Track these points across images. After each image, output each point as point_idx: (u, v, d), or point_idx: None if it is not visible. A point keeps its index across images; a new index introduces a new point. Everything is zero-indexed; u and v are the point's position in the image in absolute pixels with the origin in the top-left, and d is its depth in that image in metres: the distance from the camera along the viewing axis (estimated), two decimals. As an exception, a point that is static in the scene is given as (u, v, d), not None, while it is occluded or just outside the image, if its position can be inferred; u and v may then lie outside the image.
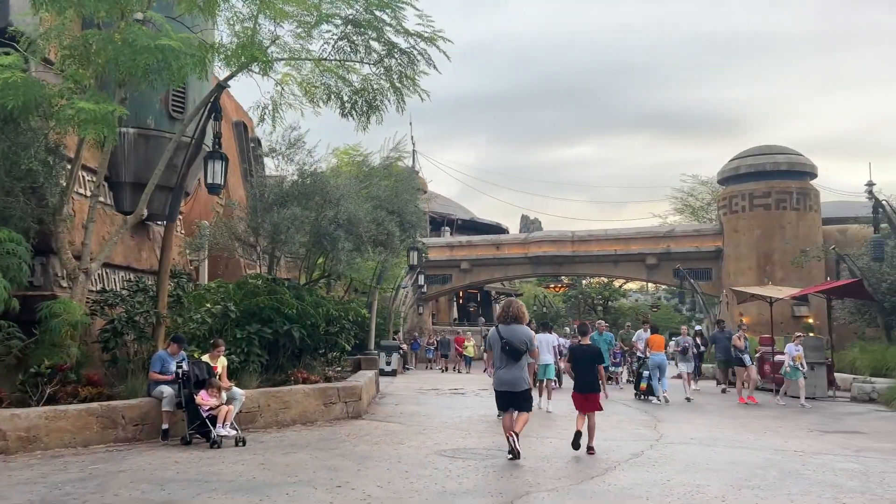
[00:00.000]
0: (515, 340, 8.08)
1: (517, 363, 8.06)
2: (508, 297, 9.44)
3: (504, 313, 8.40)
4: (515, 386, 8.03)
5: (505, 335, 8.14)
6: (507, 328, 8.22)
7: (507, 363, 8.06)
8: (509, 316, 8.28)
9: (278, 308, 11.83)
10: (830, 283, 17.47)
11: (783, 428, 11.67)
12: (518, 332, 8.18)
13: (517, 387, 8.04)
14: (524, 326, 8.39)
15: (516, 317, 8.29)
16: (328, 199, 12.99)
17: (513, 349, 8.03)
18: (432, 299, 42.39)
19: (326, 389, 11.60)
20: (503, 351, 8.07)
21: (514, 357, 8.04)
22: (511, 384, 8.04)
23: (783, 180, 33.95)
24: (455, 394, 16.92)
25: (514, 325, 8.23)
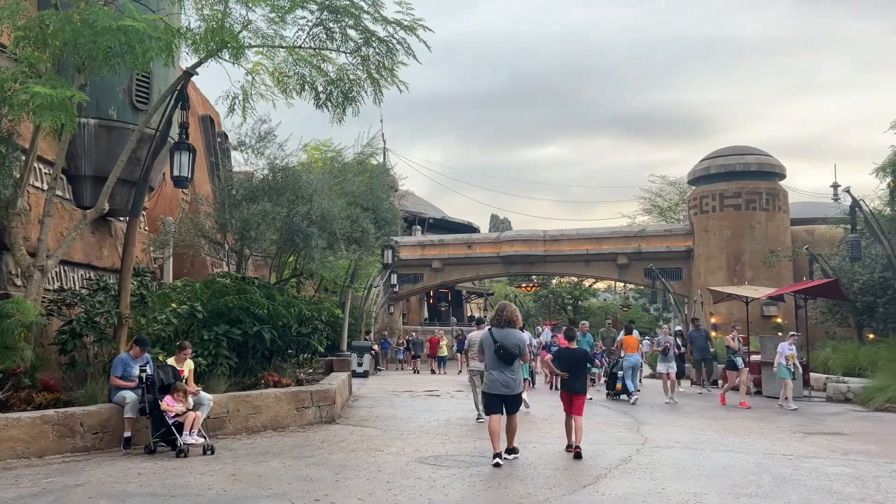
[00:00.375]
0: (509, 344, 8.10)
1: (510, 366, 8.12)
2: (501, 301, 9.44)
3: (498, 317, 8.42)
4: (510, 389, 8.08)
5: (499, 338, 8.16)
6: (501, 332, 8.25)
7: (501, 366, 8.09)
8: (503, 319, 8.31)
9: (248, 308, 11.30)
10: (806, 283, 17.47)
11: (766, 430, 11.50)
12: (511, 335, 8.22)
13: (511, 390, 8.09)
14: (517, 330, 8.44)
15: (510, 320, 8.32)
16: (300, 195, 12.48)
17: (506, 353, 8.06)
18: (403, 299, 41.91)
19: (299, 393, 11.11)
20: (496, 354, 8.09)
21: (507, 360, 8.08)
22: (504, 387, 8.06)
23: (753, 181, 34.22)
24: (430, 395, 16.51)
25: (508, 329, 8.27)
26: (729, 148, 36.24)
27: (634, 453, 8.86)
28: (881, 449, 9.64)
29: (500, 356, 8.07)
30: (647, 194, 52.78)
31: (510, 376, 8.08)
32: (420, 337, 28.57)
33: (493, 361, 8.16)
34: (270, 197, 12.40)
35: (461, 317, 49.17)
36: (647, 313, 60.05)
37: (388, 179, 15.13)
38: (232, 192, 12.81)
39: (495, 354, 8.11)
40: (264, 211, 12.03)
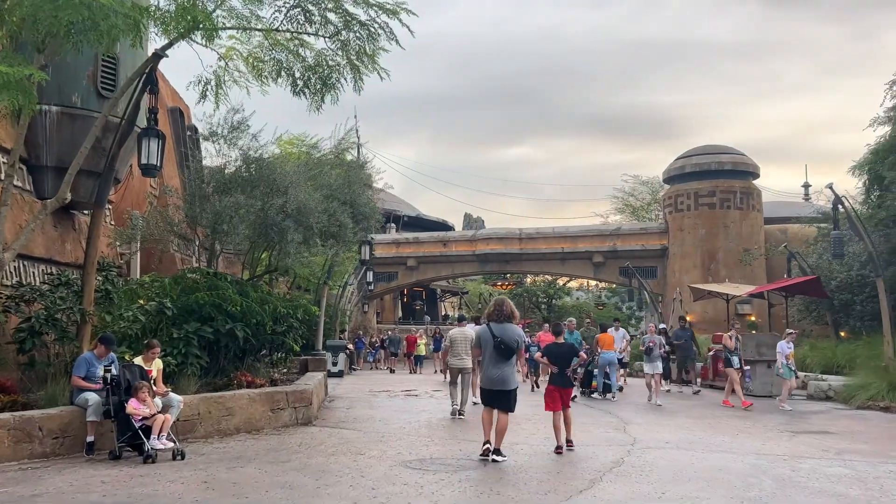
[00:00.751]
0: (508, 339, 8.07)
1: (508, 361, 8.11)
2: (498, 296, 9.39)
3: (497, 311, 8.33)
4: (506, 384, 8.07)
5: (498, 333, 8.11)
6: (500, 327, 8.19)
7: (499, 362, 8.05)
8: (503, 315, 8.25)
9: (220, 305, 10.77)
10: (788, 280, 17.40)
11: (753, 429, 11.29)
12: (510, 330, 8.20)
13: (507, 385, 8.08)
14: (515, 325, 8.39)
15: (509, 315, 8.29)
16: (275, 188, 11.97)
17: (506, 348, 8.03)
18: (377, 298, 41.39)
19: (274, 394, 10.61)
20: (496, 349, 8.04)
21: (506, 356, 8.07)
22: (501, 382, 8.06)
23: (727, 180, 34.34)
24: (409, 395, 16.08)
25: (507, 324, 8.23)
26: (703, 147, 36.35)
27: (626, 454, 8.55)
28: (873, 448, 9.46)
29: (500, 351, 8.02)
30: (620, 193, 52.89)
31: (507, 371, 8.10)
32: (398, 335, 27.83)
33: (490, 357, 8.08)
34: (244, 189, 11.87)
35: (435, 315, 48.78)
36: (620, 311, 60.17)
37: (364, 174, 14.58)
38: (202, 184, 12.23)
39: (494, 350, 8.04)
40: (237, 203, 11.50)
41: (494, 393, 8.09)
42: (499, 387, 8.05)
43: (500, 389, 8.05)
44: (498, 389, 8.06)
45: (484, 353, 8.23)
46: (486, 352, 8.19)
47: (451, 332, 13.64)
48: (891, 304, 17.73)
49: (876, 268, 14.87)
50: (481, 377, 8.39)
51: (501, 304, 8.42)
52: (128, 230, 12.65)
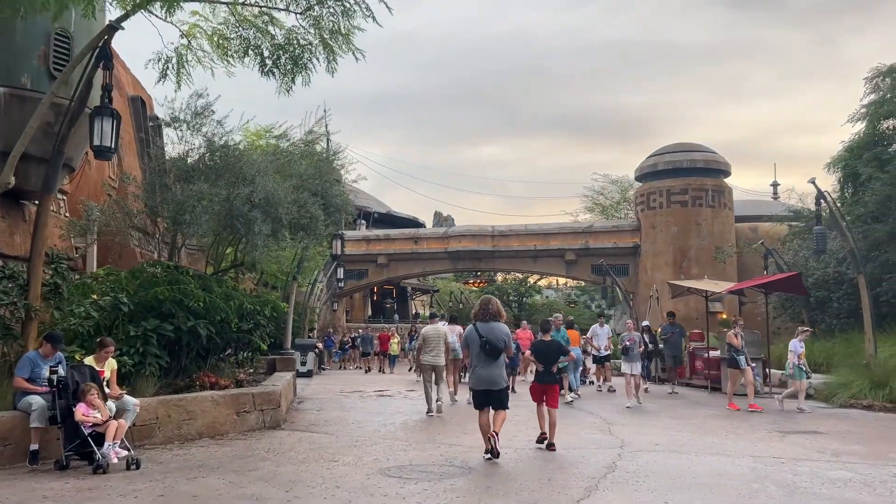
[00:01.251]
0: (495, 338, 7.97)
1: (496, 361, 8.01)
2: (485, 295, 9.21)
3: (483, 311, 8.22)
4: (494, 384, 7.99)
5: (484, 333, 8.00)
6: (486, 326, 8.08)
7: (486, 361, 7.95)
8: (489, 314, 8.13)
9: (181, 301, 10.03)
10: (769, 277, 17.20)
11: (740, 429, 10.91)
12: (497, 329, 8.10)
13: (496, 385, 7.99)
14: (502, 324, 8.28)
15: (496, 314, 8.20)
16: (242, 176, 11.24)
17: (493, 347, 7.93)
18: (347, 295, 40.61)
19: (239, 396, 9.92)
20: (482, 349, 7.94)
21: (493, 355, 7.97)
22: (490, 382, 7.97)
23: (699, 177, 34.32)
24: (381, 396, 15.44)
25: (493, 323, 8.13)
26: (676, 145, 36.30)
27: (617, 458, 8.05)
28: (868, 449, 9.11)
29: (487, 351, 7.92)
30: (590, 192, 52.81)
31: (495, 371, 8.00)
32: (369, 333, 26.96)
33: (477, 357, 8.00)
34: (207, 178, 11.13)
35: (406, 314, 48.11)
36: (589, 310, 60.20)
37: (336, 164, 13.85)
38: (163, 172, 11.45)
39: (481, 350, 7.95)
40: (200, 192, 10.76)
41: (485, 393, 8.01)
42: (488, 386, 7.97)
43: (490, 389, 7.97)
44: (487, 389, 7.98)
45: (471, 353, 8.12)
46: (473, 352, 8.08)
47: (423, 329, 13.38)
48: (871, 300, 17.64)
49: (857, 264, 14.66)
50: (470, 378, 8.26)
51: (487, 304, 8.24)
52: (82, 221, 11.80)
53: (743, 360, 13.58)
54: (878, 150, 20.36)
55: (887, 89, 20.84)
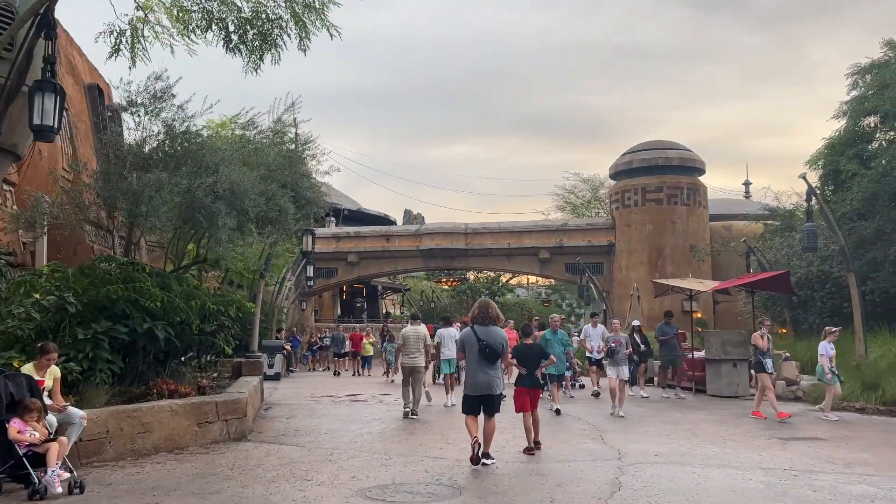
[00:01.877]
0: (494, 342, 7.82)
1: (494, 366, 7.86)
2: (482, 298, 8.90)
3: (482, 314, 8.02)
4: (493, 389, 7.82)
5: (483, 337, 7.82)
6: (485, 330, 7.89)
7: (485, 366, 7.77)
8: (488, 317, 7.96)
9: (137, 300, 9.10)
10: (757, 275, 16.74)
11: (737, 435, 10.34)
12: (496, 333, 7.95)
13: (494, 390, 7.84)
14: (500, 328, 8.17)
15: (495, 318, 8.02)
16: (204, 165, 10.34)
17: (492, 352, 7.77)
18: (316, 294, 39.55)
19: (201, 405, 9.02)
20: (481, 354, 7.77)
21: (492, 360, 7.82)
22: (489, 388, 7.79)
23: (675, 175, 33.98)
24: (355, 401, 14.59)
25: (492, 327, 7.96)
26: (651, 142, 35.94)
27: (619, 473, 7.37)
28: (877, 458, 8.58)
29: (486, 355, 7.76)
30: (561, 191, 52.53)
31: (494, 375, 7.84)
32: (340, 333, 25.43)
33: (476, 361, 7.80)
34: (167, 166, 10.19)
35: (376, 313, 47.18)
36: (560, 309, 60.02)
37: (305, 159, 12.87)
38: (119, 160, 10.47)
39: (480, 354, 7.77)
40: (158, 182, 9.82)
41: (481, 399, 7.79)
42: (486, 392, 7.77)
43: (488, 394, 7.78)
44: (485, 395, 7.78)
45: (468, 357, 7.91)
46: (470, 356, 7.88)
47: (403, 330, 13.04)
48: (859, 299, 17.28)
49: (848, 262, 14.23)
50: (466, 383, 8.01)
51: (487, 307, 8.07)
52: (26, 213, 10.76)
53: (770, 364, 12.42)
54: (859, 147, 20.10)
55: (868, 86, 20.59)
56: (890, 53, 20.29)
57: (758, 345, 12.38)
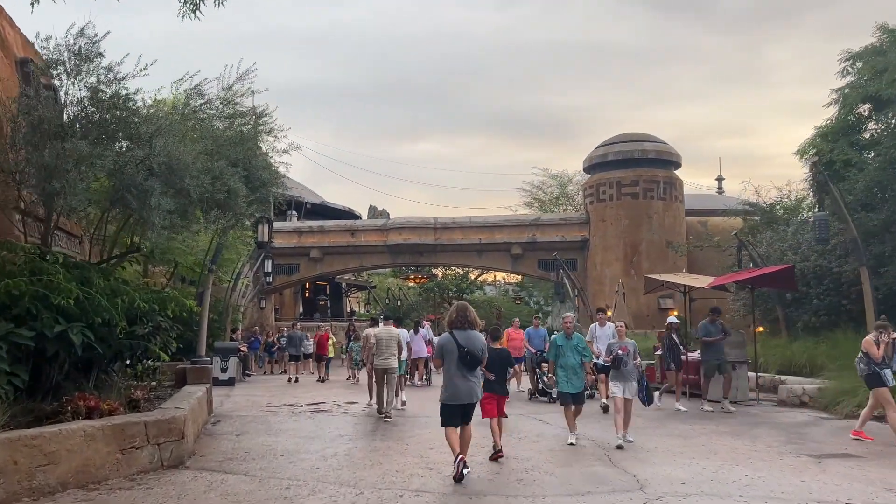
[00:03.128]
0: (475, 348, 7.45)
1: (474, 372, 7.51)
2: (460, 302, 8.35)
3: (461, 318, 7.64)
4: (472, 398, 7.50)
5: (464, 343, 7.45)
6: (465, 335, 7.54)
7: (465, 373, 7.40)
8: (467, 321, 7.60)
9: (46, 297, 7.36)
10: (759, 270, 15.51)
11: (760, 451, 9.01)
12: (476, 339, 7.60)
13: (473, 398, 7.52)
14: (479, 333, 7.77)
15: (474, 322, 7.68)
16: (136, 135, 8.59)
17: (473, 358, 7.42)
18: (276, 292, 37.57)
19: (125, 426, 7.29)
20: (461, 360, 7.38)
21: (472, 366, 7.46)
22: (469, 396, 7.46)
23: (651, 168, 32.94)
24: (318, 411, 12.90)
25: (472, 332, 7.61)
26: (626, 134, 34.87)
27: (650, 512, 5.89)
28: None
29: (466, 362, 7.37)
30: (529, 187, 51.48)
31: (474, 382, 7.50)
32: (298, 332, 22.38)
33: (456, 368, 7.39)
34: (89, 135, 8.42)
35: (340, 311, 45.33)
36: (528, 306, 58.98)
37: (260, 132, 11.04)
38: (33, 127, 8.65)
39: (460, 360, 7.38)
40: (78, 153, 8.04)
41: (462, 408, 7.40)
42: (467, 400, 7.41)
43: (469, 403, 7.44)
44: (466, 403, 7.41)
45: (447, 364, 7.48)
46: (449, 363, 7.44)
47: (375, 331, 12.61)
48: (857, 294, 16.18)
49: (860, 255, 13.06)
50: (444, 392, 7.49)
51: (466, 311, 7.70)
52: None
53: (889, 375, 9.76)
54: (853, 136, 19.11)
55: (860, 72, 19.62)
56: (884, 37, 19.32)
57: (871, 352, 9.86)
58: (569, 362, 9.67)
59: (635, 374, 9.87)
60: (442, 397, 7.49)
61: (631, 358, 9.77)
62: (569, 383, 9.60)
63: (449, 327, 7.70)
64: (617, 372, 9.77)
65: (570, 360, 9.69)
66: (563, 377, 9.71)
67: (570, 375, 9.64)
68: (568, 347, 9.78)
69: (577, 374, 9.68)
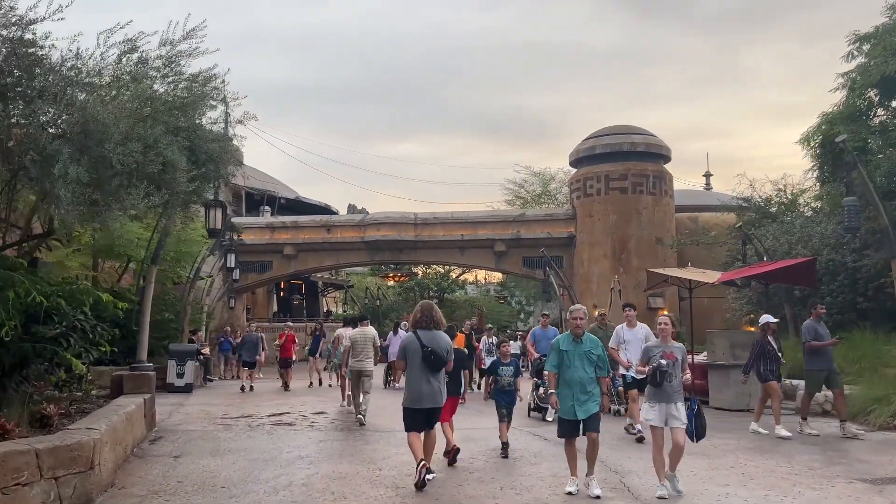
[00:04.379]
0: (440, 349, 7.06)
1: (438, 375, 7.10)
2: (425, 300, 8.28)
3: (425, 317, 7.28)
4: (437, 401, 7.07)
5: (428, 343, 7.06)
6: (429, 334, 7.17)
7: (428, 375, 6.98)
8: (432, 320, 7.25)
9: None
10: (776, 263, 14.03)
11: (801, 474, 7.57)
12: (441, 339, 7.21)
13: (438, 402, 7.09)
14: (444, 333, 7.38)
15: (439, 322, 7.34)
16: (43, 90, 6.90)
17: (437, 359, 7.01)
18: (249, 290, 35.73)
19: (7, 456, 5.58)
20: (425, 361, 6.97)
21: (437, 368, 7.05)
22: (433, 399, 7.03)
23: (640, 162, 31.51)
24: (278, 424, 11.21)
25: (436, 331, 7.24)
26: (614, 127, 33.45)
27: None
28: None
29: (430, 363, 7.00)
30: (511, 185, 50.19)
31: (437, 386, 7.08)
32: (254, 333, 18.83)
33: (420, 370, 7.01)
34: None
35: (316, 311, 43.51)
36: (510, 306, 57.76)
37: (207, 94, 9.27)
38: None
39: (423, 361, 7.00)
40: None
41: (426, 412, 7.02)
42: (430, 404, 7.01)
43: (433, 407, 7.05)
44: (430, 408, 7.03)
45: (410, 365, 7.08)
46: (412, 364, 7.06)
47: (350, 332, 12.42)
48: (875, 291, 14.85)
49: (892, 246, 11.65)
50: (408, 395, 7.11)
51: (431, 310, 7.40)
52: None
53: None
54: (862, 121, 17.81)
55: (869, 54, 18.35)
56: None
57: None
58: (576, 376, 6.79)
59: (682, 395, 6.95)
60: (405, 401, 7.10)
61: (678, 370, 6.88)
62: (574, 405, 6.75)
63: (413, 327, 7.37)
64: (658, 390, 6.81)
65: (577, 372, 6.81)
66: (566, 396, 6.81)
67: (578, 394, 6.74)
68: (576, 354, 6.86)
69: (588, 392, 6.79)
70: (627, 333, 10.48)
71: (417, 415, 6.97)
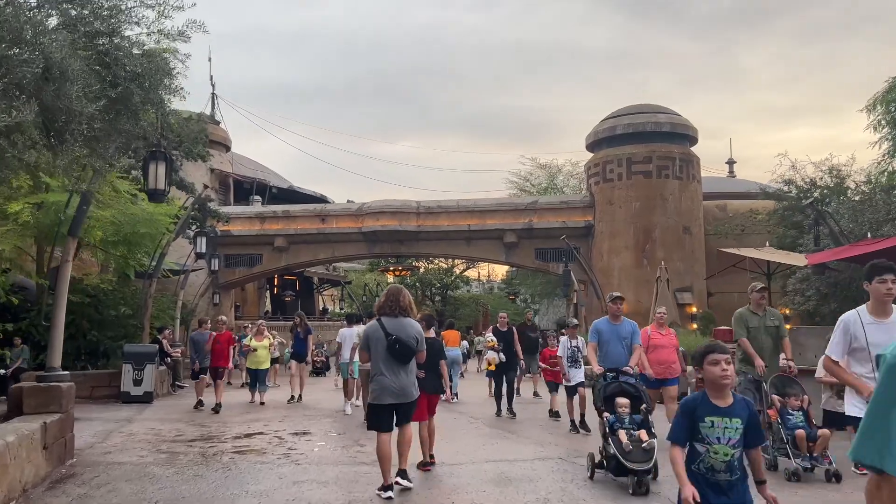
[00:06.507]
0: (406, 336, 6.30)
1: (407, 366, 6.33)
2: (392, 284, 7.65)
3: (392, 303, 6.46)
4: (406, 396, 6.30)
5: (392, 330, 6.32)
6: (395, 322, 6.39)
7: (394, 366, 6.25)
8: (399, 306, 6.44)
9: None
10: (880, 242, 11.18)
11: None
12: (408, 326, 6.42)
13: (408, 397, 6.31)
14: (413, 321, 6.59)
15: (406, 308, 6.49)
16: None
17: (403, 347, 6.23)
18: (237, 286, 32.90)
19: None
20: (389, 350, 6.24)
21: (404, 359, 6.28)
22: (401, 394, 6.25)
23: (665, 144, 28.65)
24: (245, 451, 8.31)
25: (403, 318, 6.44)
26: (637, 105, 30.62)
27: None
28: None
29: (395, 353, 6.21)
30: (516, 178, 47.40)
31: (406, 379, 6.29)
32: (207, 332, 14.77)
33: (385, 360, 6.25)
34: None
35: (312, 309, 40.66)
36: (514, 304, 55.10)
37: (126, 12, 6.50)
38: None
39: (388, 351, 6.24)
40: None
41: (393, 408, 6.23)
42: (398, 399, 6.21)
43: (401, 403, 6.24)
44: (398, 403, 6.22)
45: (374, 357, 6.29)
46: (376, 355, 6.27)
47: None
48: None
49: None
50: (372, 390, 6.27)
51: (398, 294, 6.56)
52: None
53: None
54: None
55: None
56: None
57: None
58: None
59: None
60: (369, 396, 6.47)
61: None
62: None
63: (377, 313, 6.63)
64: None
65: None
66: None
67: None
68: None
69: None
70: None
71: (383, 412, 6.24)
